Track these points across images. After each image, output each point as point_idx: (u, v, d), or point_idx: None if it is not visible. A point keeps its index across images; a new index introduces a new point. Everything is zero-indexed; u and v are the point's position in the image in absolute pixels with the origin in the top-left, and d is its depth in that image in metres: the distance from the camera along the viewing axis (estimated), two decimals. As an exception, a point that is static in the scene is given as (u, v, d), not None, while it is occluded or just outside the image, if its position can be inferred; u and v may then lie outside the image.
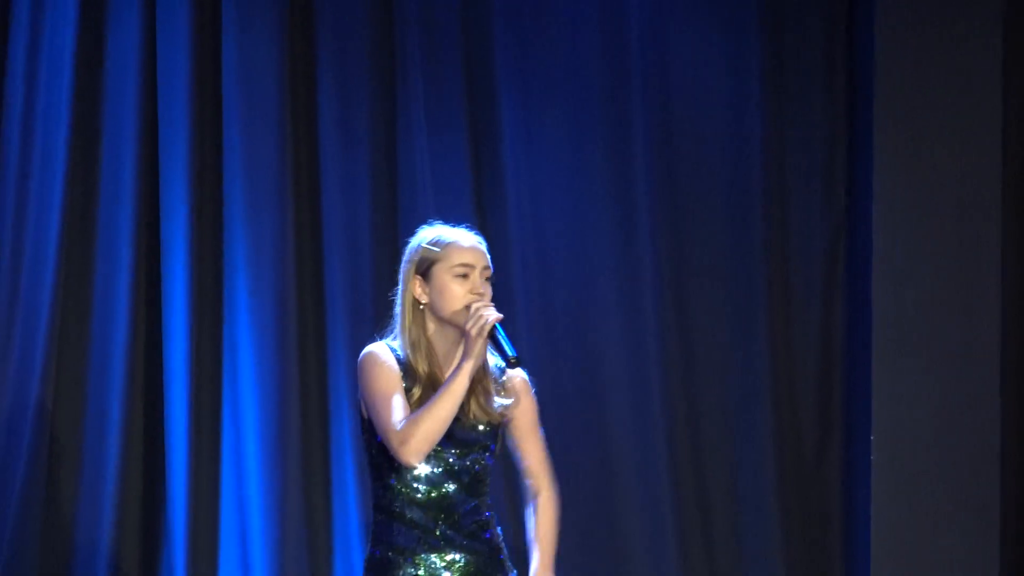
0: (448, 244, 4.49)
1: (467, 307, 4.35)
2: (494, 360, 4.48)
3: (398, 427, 4.32)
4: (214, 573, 6.11)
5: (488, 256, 4.51)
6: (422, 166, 6.18)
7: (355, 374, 4.98)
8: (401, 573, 4.47)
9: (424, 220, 5.55)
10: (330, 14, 6.13)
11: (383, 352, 4.45)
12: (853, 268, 6.38)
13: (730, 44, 6.35)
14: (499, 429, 4.54)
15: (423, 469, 4.46)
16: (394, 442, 4.30)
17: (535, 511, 4.58)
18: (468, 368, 4.34)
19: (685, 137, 6.35)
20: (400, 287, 4.48)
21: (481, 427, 4.46)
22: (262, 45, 6.10)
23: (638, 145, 6.28)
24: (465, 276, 4.42)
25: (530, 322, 5.81)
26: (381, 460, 4.40)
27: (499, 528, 4.54)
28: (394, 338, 4.50)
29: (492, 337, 4.36)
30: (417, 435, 4.30)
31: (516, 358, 4.35)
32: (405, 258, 4.50)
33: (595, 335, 6.12)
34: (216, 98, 6.09)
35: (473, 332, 4.30)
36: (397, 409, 4.36)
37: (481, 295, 4.41)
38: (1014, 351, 6.35)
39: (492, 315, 4.32)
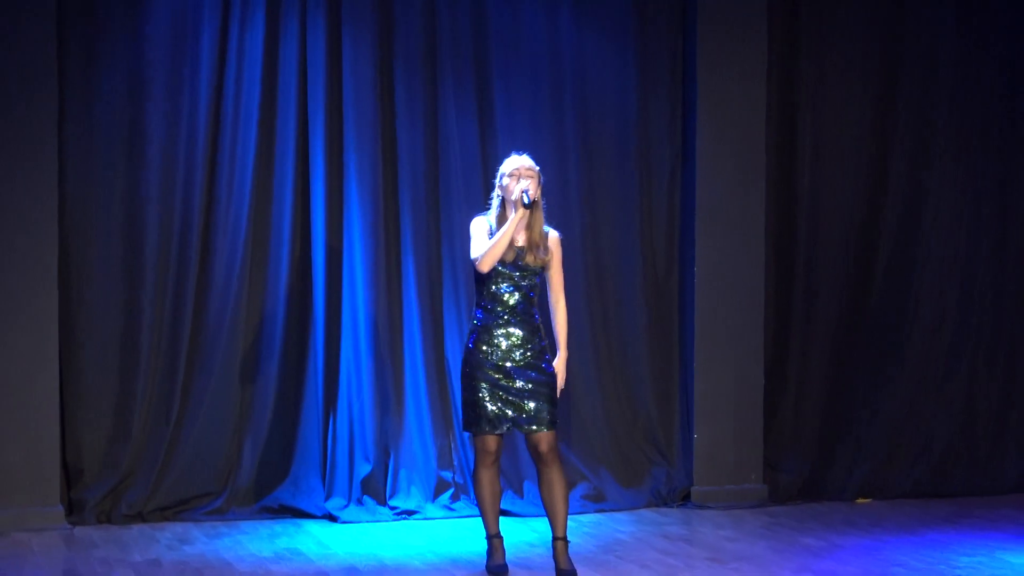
0: (507, 163, 6.01)
1: (511, 190, 5.87)
2: (544, 227, 5.78)
3: (476, 254, 5.88)
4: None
5: (530, 162, 5.93)
6: (453, 143, 7.87)
7: (419, 257, 7.30)
8: (486, 336, 5.98)
9: (456, 173, 7.74)
10: (401, 60, 7.86)
11: (479, 220, 6.02)
12: (686, 174, 8.23)
13: (619, 61, 8.12)
14: (544, 265, 5.99)
15: (503, 283, 5.90)
16: (475, 262, 5.87)
17: (555, 314, 5.98)
18: (514, 219, 5.81)
19: (595, 113, 8.13)
20: (495, 189, 6.01)
21: (533, 263, 5.96)
22: (364, 67, 7.73)
23: (568, 116, 8.06)
24: (512, 176, 5.95)
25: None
26: (479, 277, 5.93)
27: (538, 318, 6.05)
28: (488, 213, 6.04)
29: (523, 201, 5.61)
30: (485, 257, 5.84)
31: (526, 205, 5.71)
32: (498, 173, 5.99)
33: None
34: (339, 102, 7.77)
35: (512, 198, 5.85)
36: (478, 246, 5.91)
37: (518, 181, 5.81)
38: (772, 214, 8.22)
39: (518, 187, 5.81)
